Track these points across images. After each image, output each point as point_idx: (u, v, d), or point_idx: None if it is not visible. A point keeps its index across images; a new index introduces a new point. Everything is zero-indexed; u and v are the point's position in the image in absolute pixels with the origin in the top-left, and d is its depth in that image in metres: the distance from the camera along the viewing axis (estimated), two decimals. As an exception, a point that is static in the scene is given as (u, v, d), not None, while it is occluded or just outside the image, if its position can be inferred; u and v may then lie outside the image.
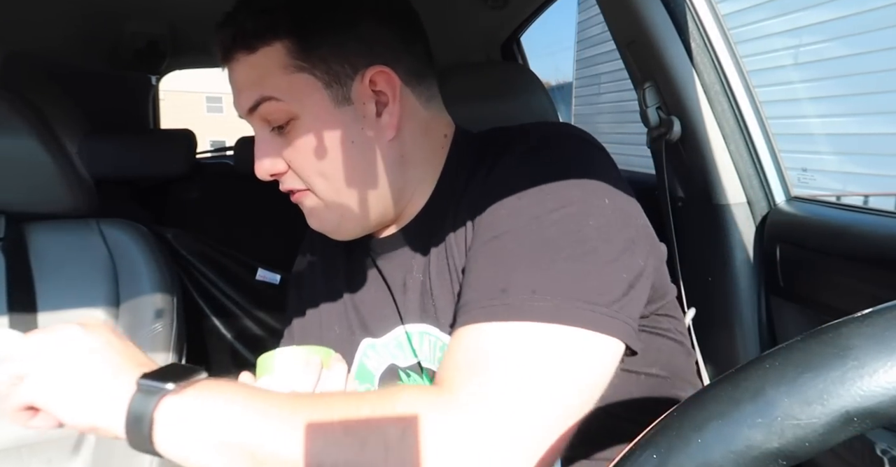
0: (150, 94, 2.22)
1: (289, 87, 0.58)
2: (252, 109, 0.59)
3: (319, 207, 0.62)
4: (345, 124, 0.60)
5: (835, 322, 0.23)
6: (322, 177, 0.60)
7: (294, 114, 0.58)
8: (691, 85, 1.03)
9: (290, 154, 0.60)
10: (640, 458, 0.24)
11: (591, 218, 0.50)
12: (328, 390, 0.56)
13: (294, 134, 0.59)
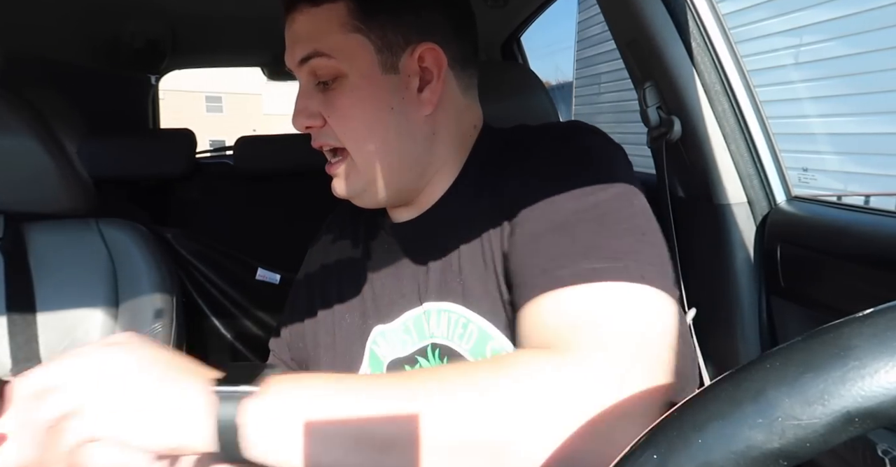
0: (149, 93, 2.22)
1: (342, 46, 0.61)
2: (302, 61, 0.62)
3: (349, 169, 0.65)
4: (387, 90, 0.62)
5: (836, 322, 0.23)
6: (356, 137, 0.62)
7: (342, 72, 0.61)
8: (691, 84, 1.03)
9: (330, 110, 0.62)
10: (640, 458, 0.23)
11: (634, 200, 0.55)
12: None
13: (338, 91, 0.61)
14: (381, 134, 0.63)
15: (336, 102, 0.62)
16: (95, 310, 1.05)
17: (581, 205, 0.54)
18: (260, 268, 1.55)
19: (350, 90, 0.61)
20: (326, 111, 0.62)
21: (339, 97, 0.62)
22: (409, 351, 0.65)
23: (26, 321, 1.01)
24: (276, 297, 1.58)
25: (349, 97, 0.61)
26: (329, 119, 0.62)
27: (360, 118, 0.62)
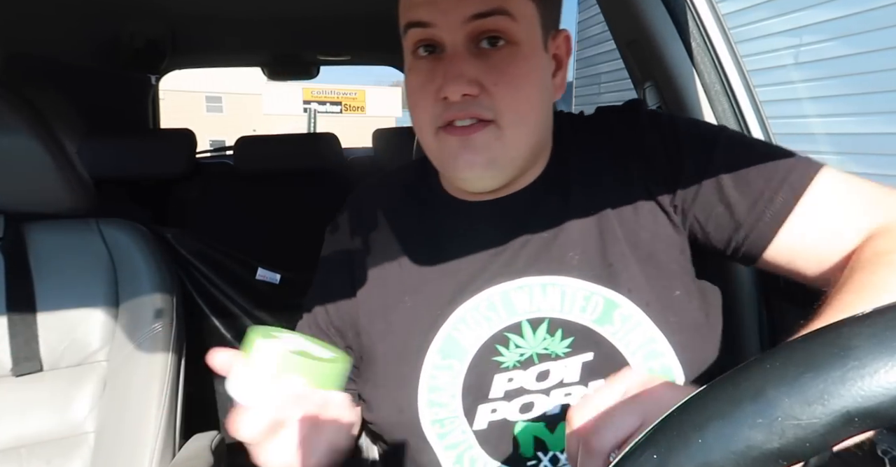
0: (149, 93, 2.22)
1: (524, 11, 0.57)
2: (477, 16, 0.55)
3: (493, 142, 0.59)
4: (545, 68, 0.61)
5: (835, 322, 0.23)
6: (515, 107, 0.58)
7: (516, 38, 0.57)
8: (691, 84, 1.03)
9: (497, 77, 0.57)
10: (641, 458, 0.23)
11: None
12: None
13: (508, 59, 0.57)
14: (538, 110, 0.60)
15: (507, 70, 0.57)
16: (95, 309, 1.05)
17: (722, 135, 0.61)
18: (260, 267, 1.55)
19: (522, 59, 0.57)
20: (492, 78, 0.57)
21: (509, 65, 0.57)
22: (495, 329, 0.61)
23: (26, 321, 1.01)
24: (276, 297, 1.58)
25: (521, 66, 0.57)
26: (495, 86, 0.57)
27: (527, 90, 0.58)
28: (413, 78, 0.60)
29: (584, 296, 0.60)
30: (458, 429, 0.60)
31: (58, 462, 1.00)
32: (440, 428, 0.60)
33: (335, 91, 25.10)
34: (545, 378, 0.60)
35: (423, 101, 0.59)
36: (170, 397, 1.04)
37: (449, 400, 0.60)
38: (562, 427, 0.59)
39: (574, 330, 0.60)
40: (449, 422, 0.60)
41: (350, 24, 1.81)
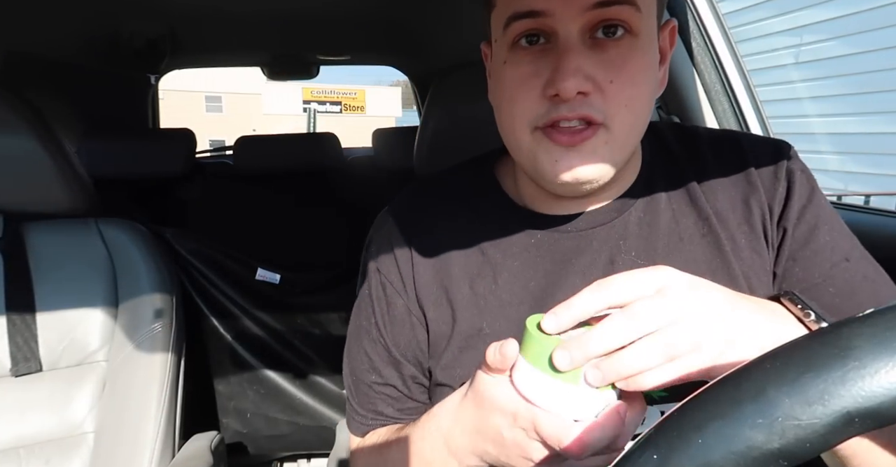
0: (149, 93, 2.22)
1: (646, 2, 0.51)
2: (603, 4, 0.49)
3: (600, 150, 0.52)
4: (656, 62, 0.54)
5: (836, 322, 0.23)
6: (630, 107, 0.51)
7: (637, 29, 0.50)
8: (691, 84, 1.03)
9: (615, 73, 0.50)
10: (641, 458, 0.23)
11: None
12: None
13: (626, 52, 0.50)
14: (648, 110, 0.54)
15: (625, 65, 0.50)
16: (95, 309, 1.05)
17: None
18: (260, 268, 1.55)
19: (640, 53, 0.51)
20: (609, 73, 0.50)
21: (627, 59, 0.50)
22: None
23: (25, 321, 1.01)
24: (276, 297, 1.58)
25: (639, 61, 0.51)
26: (612, 83, 0.50)
27: (643, 87, 0.52)
28: (513, 70, 0.52)
29: None
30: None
31: (57, 462, 1.00)
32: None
33: (335, 91, 25.11)
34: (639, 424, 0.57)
35: (524, 97, 0.52)
36: (169, 397, 1.04)
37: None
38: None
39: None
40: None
41: (350, 24, 1.80)
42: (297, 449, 1.69)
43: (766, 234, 0.57)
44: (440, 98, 1.01)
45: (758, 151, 0.60)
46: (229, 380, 1.58)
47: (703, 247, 0.58)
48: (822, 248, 0.55)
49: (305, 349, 1.60)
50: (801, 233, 0.56)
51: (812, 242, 0.56)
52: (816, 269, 0.55)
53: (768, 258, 0.57)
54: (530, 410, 0.41)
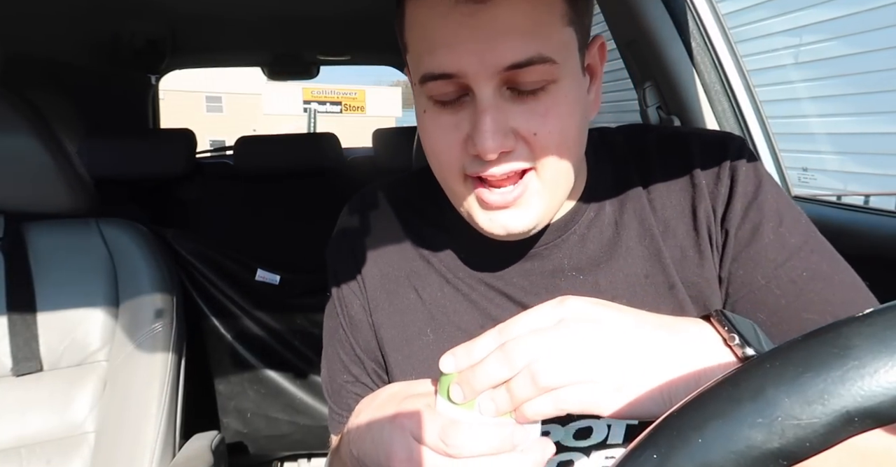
0: (149, 93, 2.23)
1: (562, 45, 0.48)
2: (514, 67, 0.46)
3: (534, 197, 0.51)
4: (583, 94, 0.52)
5: (835, 321, 0.23)
6: (558, 152, 0.49)
7: (557, 78, 0.47)
8: (691, 84, 1.03)
9: (539, 124, 0.48)
10: (640, 458, 0.23)
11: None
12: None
13: (547, 100, 0.48)
14: (579, 144, 0.52)
15: (551, 112, 0.48)
16: (95, 309, 1.05)
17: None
18: (259, 268, 1.55)
19: (563, 97, 0.48)
20: (532, 125, 0.48)
21: (553, 105, 0.48)
22: None
23: (26, 321, 1.01)
24: (276, 298, 1.58)
25: (562, 105, 0.48)
26: (536, 134, 0.48)
27: (570, 129, 0.50)
28: (433, 123, 0.51)
29: None
30: None
31: (58, 462, 1.00)
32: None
33: (335, 91, 25.11)
34: (585, 436, 0.56)
35: (449, 149, 0.51)
36: (170, 397, 1.04)
37: None
38: None
39: None
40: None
41: (350, 24, 1.81)
42: (297, 448, 1.69)
43: (710, 239, 0.55)
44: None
45: (704, 151, 0.57)
46: (230, 380, 1.58)
47: (643, 259, 0.56)
48: (765, 248, 0.53)
49: (305, 349, 1.60)
50: (744, 234, 0.54)
51: (755, 242, 0.53)
52: (759, 271, 0.53)
53: (715, 265, 0.55)
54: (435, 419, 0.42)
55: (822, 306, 0.51)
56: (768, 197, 0.54)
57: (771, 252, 0.53)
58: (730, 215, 0.54)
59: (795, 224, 0.54)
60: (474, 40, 0.45)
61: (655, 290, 0.56)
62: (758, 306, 0.53)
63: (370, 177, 2.21)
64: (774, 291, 0.52)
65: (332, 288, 0.67)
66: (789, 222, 0.54)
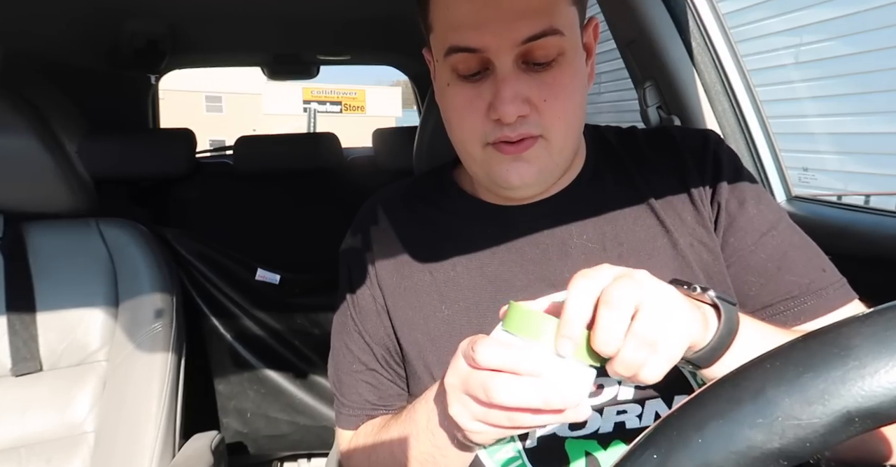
0: (149, 93, 2.22)
1: (570, 21, 0.56)
2: (530, 39, 0.53)
3: (542, 156, 0.59)
4: (583, 67, 0.59)
5: (836, 322, 0.23)
6: (563, 119, 0.57)
7: (564, 50, 0.55)
8: (691, 84, 1.03)
9: (546, 92, 0.56)
10: (641, 458, 0.23)
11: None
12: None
13: (557, 71, 0.56)
14: (579, 115, 0.60)
15: (559, 81, 0.56)
16: (95, 309, 1.05)
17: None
18: (260, 268, 1.55)
19: (568, 69, 0.56)
20: (543, 94, 0.56)
21: (559, 77, 0.56)
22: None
23: (26, 321, 1.01)
24: (276, 297, 1.58)
25: (568, 77, 0.56)
26: (545, 102, 0.56)
27: (574, 98, 0.58)
28: (456, 97, 0.59)
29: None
30: (505, 439, 0.58)
31: (58, 461, 1.00)
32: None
33: (335, 91, 25.10)
34: (597, 394, 0.59)
35: (470, 120, 0.58)
36: (170, 397, 1.04)
37: None
38: (615, 444, 0.59)
39: None
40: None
41: (350, 24, 1.81)
42: (297, 448, 1.69)
43: (707, 212, 0.63)
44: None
45: (688, 140, 0.66)
46: (229, 380, 1.58)
47: (648, 227, 0.63)
48: (750, 219, 0.61)
49: (305, 349, 1.60)
50: (732, 207, 0.62)
51: (742, 214, 0.61)
52: (748, 238, 0.61)
53: (713, 231, 0.63)
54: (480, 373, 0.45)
55: (801, 270, 0.60)
56: (747, 179, 0.63)
57: (756, 223, 0.61)
58: (719, 190, 0.62)
59: (770, 203, 0.63)
60: (496, 20, 0.53)
61: (661, 252, 0.62)
62: (748, 269, 0.61)
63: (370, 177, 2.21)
64: (761, 256, 0.61)
65: (344, 281, 0.71)
66: (766, 201, 0.63)
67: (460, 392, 0.46)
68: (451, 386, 0.47)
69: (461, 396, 0.46)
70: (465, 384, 0.45)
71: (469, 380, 0.45)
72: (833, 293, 0.60)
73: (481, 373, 0.44)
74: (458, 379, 0.46)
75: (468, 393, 0.45)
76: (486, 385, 0.43)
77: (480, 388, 0.44)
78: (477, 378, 0.44)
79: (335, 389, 0.72)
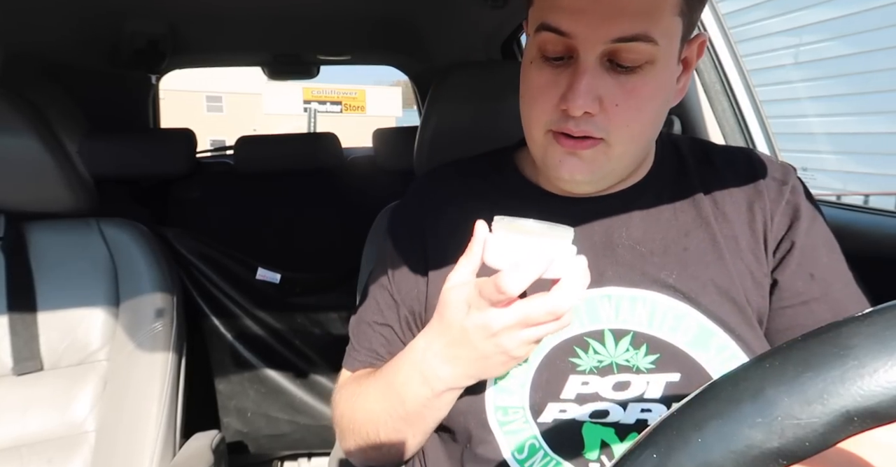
0: (149, 93, 2.22)
1: (669, 31, 0.54)
2: (619, 41, 0.52)
3: (598, 159, 0.58)
4: (672, 81, 0.58)
5: (835, 321, 0.23)
6: (630, 128, 0.56)
7: (654, 59, 0.53)
8: (691, 84, 1.03)
9: (620, 97, 0.54)
10: (640, 457, 0.24)
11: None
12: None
13: (639, 79, 0.54)
14: (653, 127, 0.59)
15: (638, 90, 0.54)
16: (96, 309, 1.05)
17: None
18: (260, 267, 1.55)
19: (653, 79, 0.54)
20: (617, 98, 0.54)
21: (641, 85, 0.54)
22: (576, 332, 0.61)
23: (27, 320, 1.01)
24: (277, 297, 1.58)
25: (650, 86, 0.55)
26: (616, 106, 0.55)
27: (649, 110, 0.56)
28: (535, 77, 0.58)
29: (674, 316, 0.60)
30: (521, 419, 0.60)
31: (58, 461, 1.00)
32: (503, 416, 0.61)
33: (335, 91, 25.09)
34: (624, 389, 0.59)
35: (540, 103, 0.58)
36: (170, 396, 1.04)
37: (517, 389, 0.61)
38: (633, 436, 0.59)
39: (661, 347, 0.59)
40: (513, 412, 0.61)
41: (350, 24, 1.81)
42: (297, 448, 1.70)
43: (765, 241, 0.61)
44: (440, 98, 1.01)
45: (767, 167, 0.65)
46: (230, 380, 1.58)
47: (699, 241, 0.62)
48: (822, 267, 0.60)
49: (306, 348, 1.60)
50: (808, 249, 0.60)
51: (816, 260, 0.60)
52: (815, 286, 0.60)
53: (765, 264, 0.61)
54: (483, 282, 0.50)
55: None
56: (824, 227, 0.63)
57: (825, 272, 0.60)
58: (797, 229, 0.61)
59: (840, 256, 0.62)
60: (593, 11, 0.52)
61: (708, 269, 0.61)
62: (806, 316, 0.60)
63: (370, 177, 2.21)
64: (823, 306, 0.60)
65: (388, 241, 0.73)
66: (837, 253, 0.62)
67: (501, 328, 0.50)
68: (487, 328, 0.50)
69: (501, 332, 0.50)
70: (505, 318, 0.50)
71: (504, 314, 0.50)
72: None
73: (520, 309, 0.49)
74: (490, 318, 0.50)
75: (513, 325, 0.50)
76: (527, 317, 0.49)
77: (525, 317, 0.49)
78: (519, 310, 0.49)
79: (351, 335, 0.73)
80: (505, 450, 0.60)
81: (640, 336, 0.60)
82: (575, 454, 0.59)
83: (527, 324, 0.50)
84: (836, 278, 0.61)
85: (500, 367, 0.54)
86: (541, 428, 0.60)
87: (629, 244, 0.63)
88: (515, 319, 0.49)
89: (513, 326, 0.50)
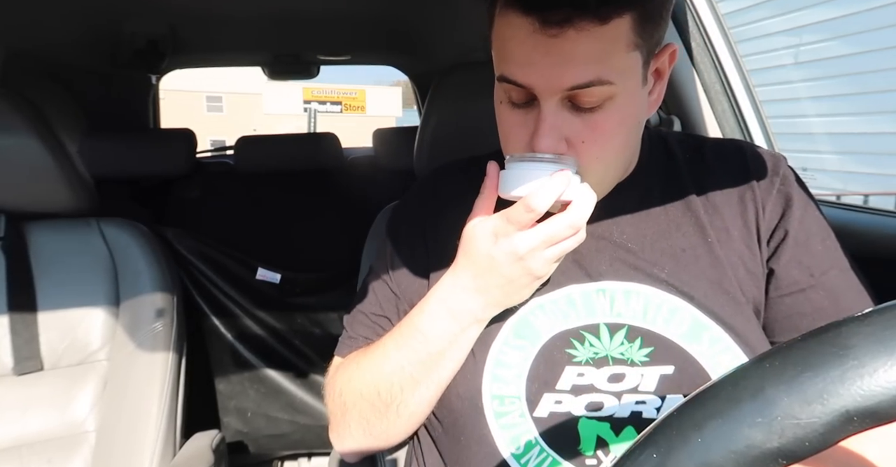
0: (149, 93, 2.22)
1: (623, 68, 0.54)
2: (578, 87, 0.53)
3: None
4: (641, 102, 0.59)
5: (834, 321, 0.23)
6: (602, 160, 0.58)
7: (613, 95, 0.55)
8: (691, 84, 1.03)
9: (590, 133, 0.56)
10: (640, 457, 0.24)
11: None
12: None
13: (601, 115, 0.55)
14: (624, 152, 0.60)
15: (601, 126, 0.56)
16: (96, 309, 1.05)
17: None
18: (260, 267, 1.55)
19: (615, 111, 0.56)
20: (584, 135, 0.56)
21: (604, 120, 0.56)
22: (572, 325, 0.62)
23: (27, 320, 1.01)
24: (277, 297, 1.59)
25: (614, 119, 0.56)
26: (585, 142, 0.56)
27: (617, 139, 0.58)
28: (505, 118, 0.61)
29: (669, 309, 0.61)
30: (517, 411, 0.61)
31: (59, 461, 1.00)
32: (499, 406, 0.61)
33: (335, 91, 25.08)
34: (618, 381, 0.60)
35: (513, 142, 0.60)
36: (170, 396, 1.04)
37: (514, 379, 0.62)
38: (628, 431, 0.60)
39: (655, 340, 0.60)
40: (509, 402, 0.61)
41: (350, 24, 1.81)
42: (297, 448, 1.70)
43: (758, 231, 0.62)
44: (440, 98, 1.01)
45: (757, 158, 0.66)
46: (230, 380, 1.58)
47: (690, 235, 0.63)
48: (816, 255, 0.61)
49: (306, 348, 1.60)
50: (801, 237, 0.61)
51: (809, 247, 0.61)
52: (810, 273, 0.61)
53: (759, 254, 0.62)
54: (510, 210, 0.54)
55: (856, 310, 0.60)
56: (817, 214, 0.63)
57: (820, 259, 0.61)
58: (789, 217, 0.62)
59: (834, 242, 0.63)
60: (544, 65, 0.53)
61: (699, 261, 0.62)
62: (804, 304, 0.61)
63: (370, 177, 2.21)
64: (820, 293, 0.60)
65: (391, 235, 0.74)
66: (831, 240, 0.63)
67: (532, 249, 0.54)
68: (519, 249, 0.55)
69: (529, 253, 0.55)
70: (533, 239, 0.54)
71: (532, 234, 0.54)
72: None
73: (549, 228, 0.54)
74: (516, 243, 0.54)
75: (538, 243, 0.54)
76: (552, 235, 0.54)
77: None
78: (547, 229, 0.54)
79: (346, 324, 0.74)
80: (501, 446, 0.61)
81: (635, 329, 0.61)
82: (571, 450, 0.59)
83: (551, 243, 0.54)
84: (831, 265, 0.61)
85: (524, 290, 0.58)
86: (537, 424, 0.61)
87: (620, 241, 0.64)
88: (540, 239, 0.54)
89: (537, 246, 0.54)
